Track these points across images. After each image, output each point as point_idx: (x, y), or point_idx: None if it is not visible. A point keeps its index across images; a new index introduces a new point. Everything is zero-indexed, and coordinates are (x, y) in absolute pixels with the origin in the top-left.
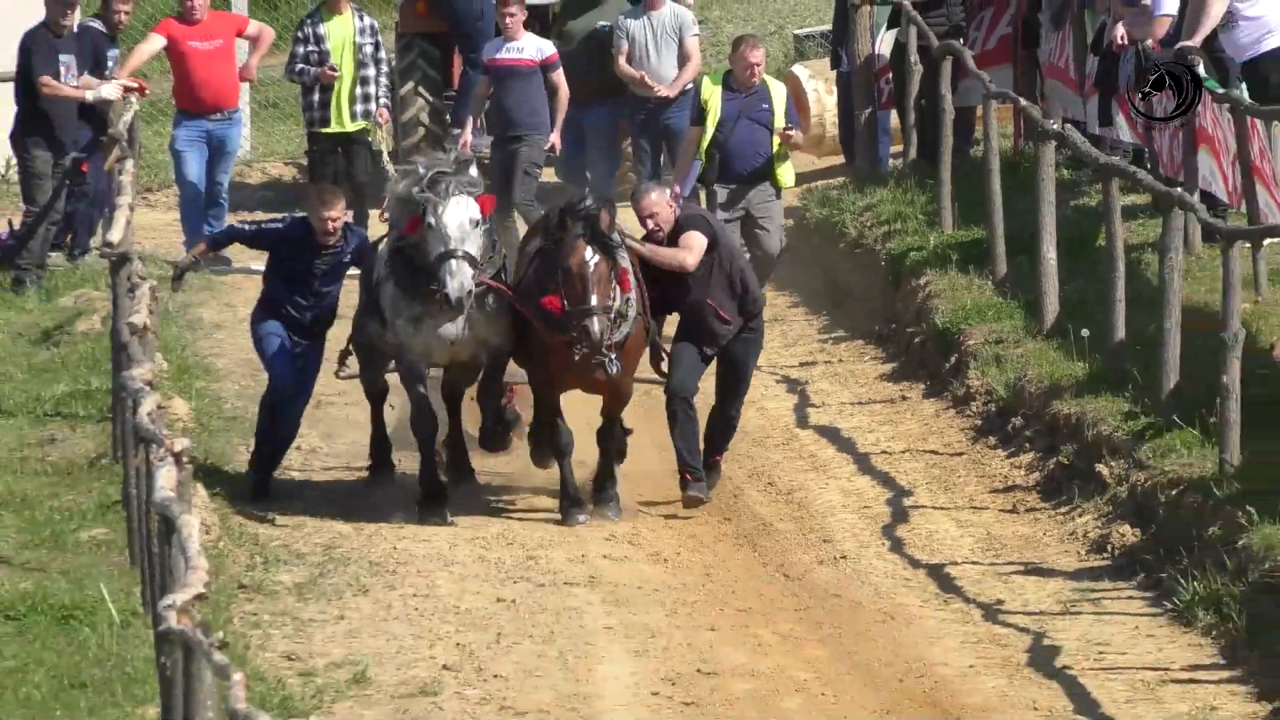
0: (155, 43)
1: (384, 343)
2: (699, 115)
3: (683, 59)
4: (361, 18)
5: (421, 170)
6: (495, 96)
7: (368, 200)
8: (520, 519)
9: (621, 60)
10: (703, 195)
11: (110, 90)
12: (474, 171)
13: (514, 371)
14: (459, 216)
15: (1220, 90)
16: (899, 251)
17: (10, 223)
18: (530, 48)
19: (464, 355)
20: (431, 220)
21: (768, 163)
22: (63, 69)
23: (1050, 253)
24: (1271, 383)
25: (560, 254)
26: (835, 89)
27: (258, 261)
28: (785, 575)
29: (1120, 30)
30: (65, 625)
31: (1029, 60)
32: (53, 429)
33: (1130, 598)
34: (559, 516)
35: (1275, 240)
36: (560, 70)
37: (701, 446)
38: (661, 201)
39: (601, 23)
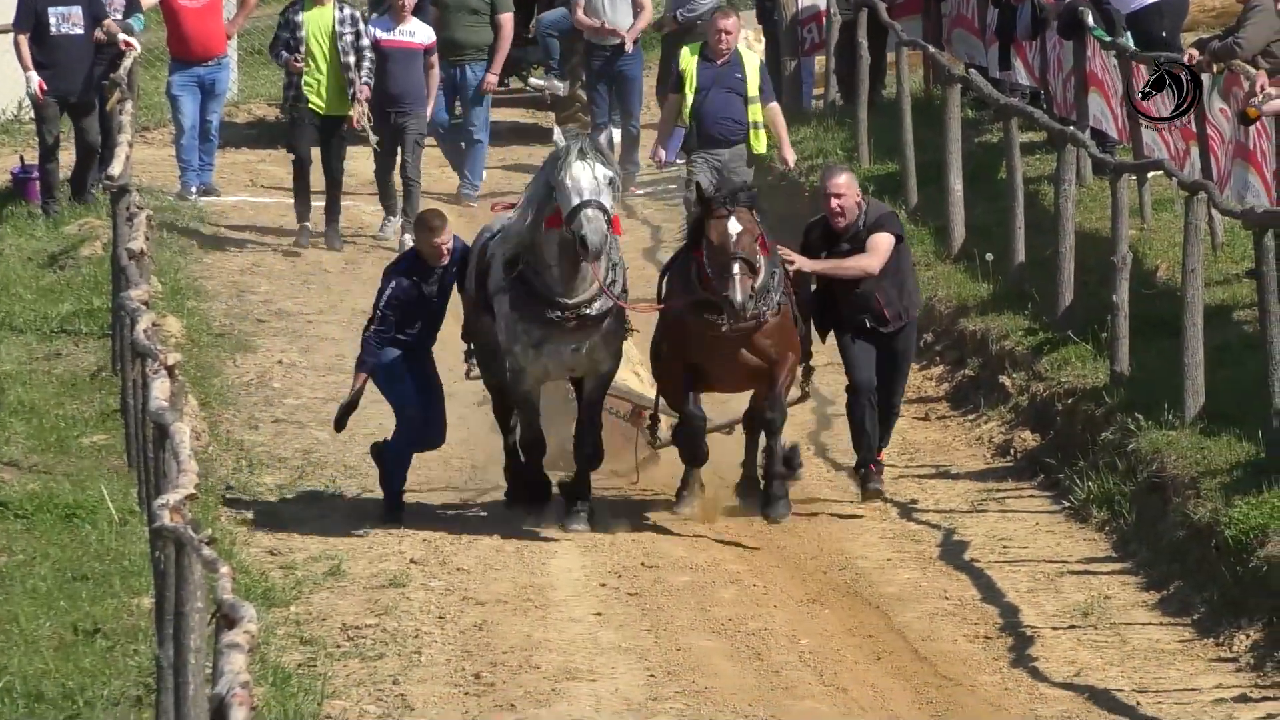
0: None
1: (498, 356)
2: (678, 83)
3: (636, 9)
4: (342, 9)
5: (557, 141)
6: (381, 73)
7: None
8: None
9: (579, 12)
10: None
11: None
12: (607, 142)
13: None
14: (591, 171)
15: (1108, 39)
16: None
17: (22, 157)
18: (420, 32)
19: (580, 371)
20: (566, 179)
21: (742, 128)
22: (57, 20)
23: (957, 184)
24: (1156, 301)
25: (705, 227)
26: (764, 38)
27: (245, 192)
28: (720, 478)
29: None
30: (69, 523)
31: (937, 12)
32: (58, 345)
33: (1031, 497)
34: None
35: (1159, 173)
36: (436, 54)
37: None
38: (852, 186)
39: None
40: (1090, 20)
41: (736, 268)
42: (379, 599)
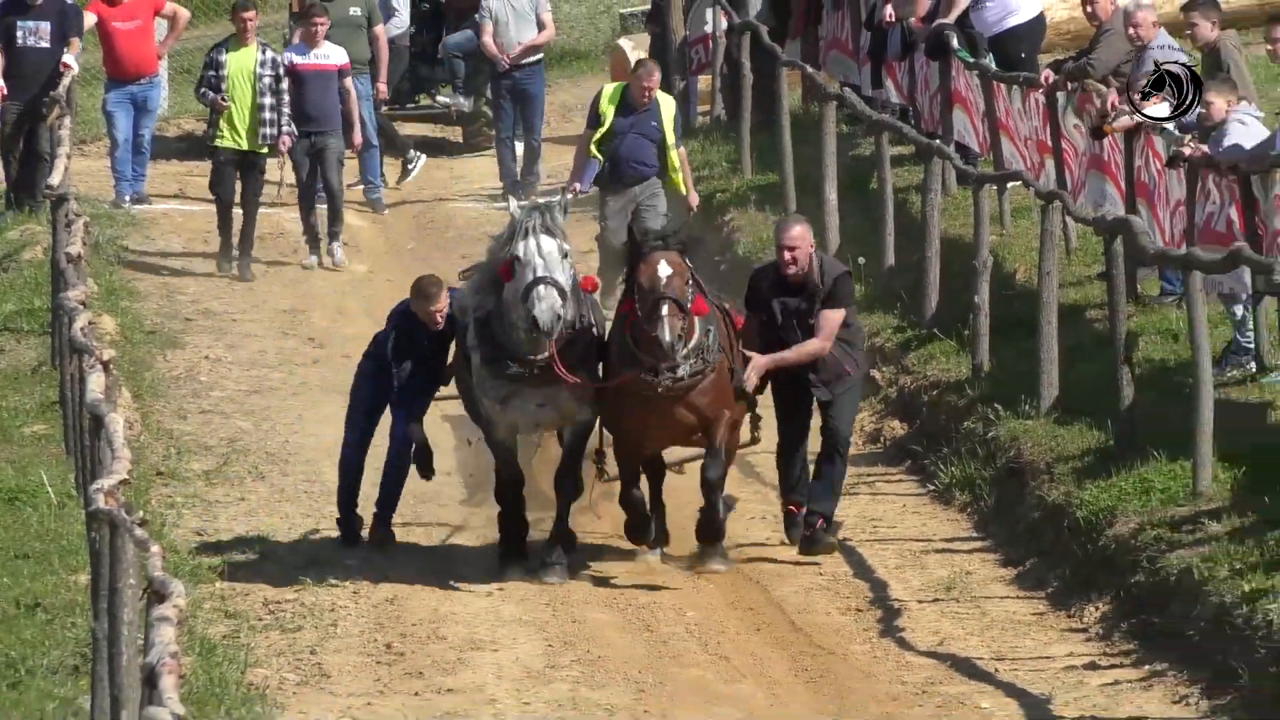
0: (88, 19)
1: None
2: (594, 120)
3: (540, 26)
4: (264, 51)
5: (514, 214)
6: (299, 97)
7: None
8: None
9: (486, 37)
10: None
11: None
12: (561, 217)
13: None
14: (546, 248)
15: (971, 60)
16: (707, 193)
17: None
18: (334, 55)
19: (550, 426)
20: (520, 254)
21: (651, 169)
22: (24, 33)
23: (832, 194)
24: (1014, 301)
25: (635, 271)
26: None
27: (174, 201)
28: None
29: (888, 9)
30: (11, 505)
31: (815, 35)
32: (1, 341)
33: (899, 481)
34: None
35: (1017, 183)
36: (350, 76)
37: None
38: (806, 237)
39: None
40: (955, 43)
41: (665, 308)
42: (298, 576)
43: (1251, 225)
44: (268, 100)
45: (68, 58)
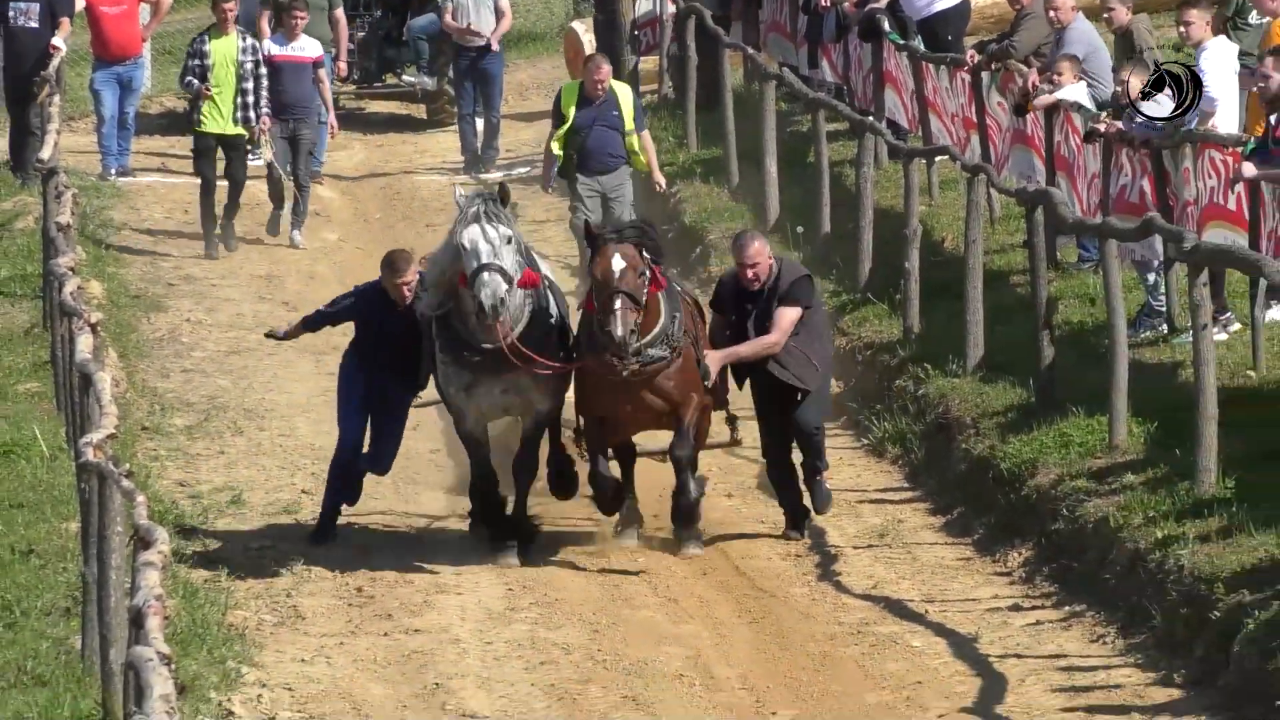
0: (78, 2)
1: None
2: (558, 119)
3: (498, 14)
4: (244, 39)
5: (458, 201)
6: (276, 86)
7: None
8: None
9: (447, 17)
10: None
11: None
12: (506, 205)
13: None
14: (490, 233)
15: (901, 42)
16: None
17: None
18: (309, 47)
19: (516, 412)
20: (465, 242)
21: (619, 160)
22: (15, 13)
23: (772, 167)
24: (942, 267)
25: (591, 265)
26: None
27: (156, 174)
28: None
29: None
30: (6, 458)
31: (755, 18)
32: None
33: (836, 435)
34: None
35: (944, 157)
36: (325, 67)
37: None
38: (764, 252)
39: None
40: (886, 26)
41: (618, 302)
42: (274, 524)
43: (1163, 196)
44: (249, 85)
45: (56, 39)
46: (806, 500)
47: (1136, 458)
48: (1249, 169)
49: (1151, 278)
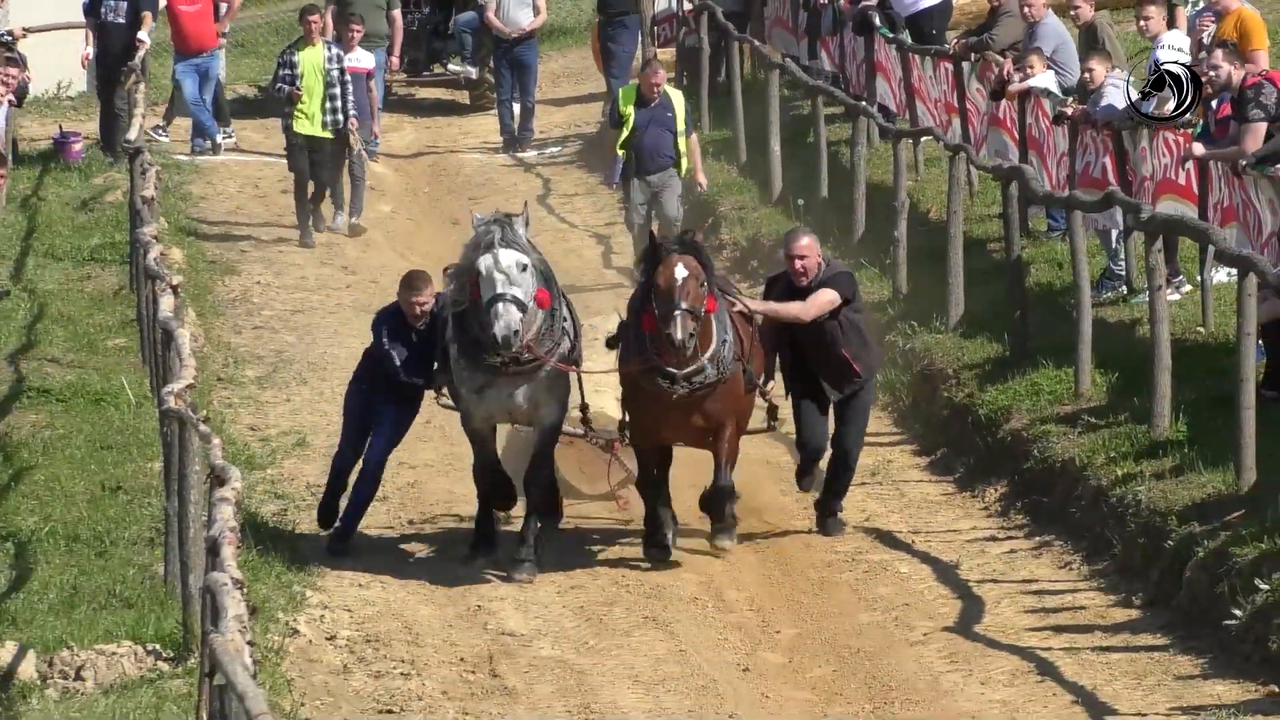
0: (160, 1)
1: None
2: (616, 120)
3: (535, 11)
4: (329, 49)
5: (477, 228)
6: None
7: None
8: None
9: (490, 14)
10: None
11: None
12: (522, 228)
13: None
14: (506, 262)
15: (891, 36)
16: None
17: (60, 126)
18: (364, 59)
19: (522, 419)
20: (481, 269)
21: (670, 160)
22: (106, 10)
23: (776, 147)
24: (927, 235)
25: (652, 274)
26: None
27: (231, 154)
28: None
29: None
30: (97, 405)
31: (760, 14)
32: (89, 269)
33: None
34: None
35: (929, 138)
36: (376, 78)
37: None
38: (814, 248)
39: None
40: (877, 21)
41: (679, 311)
42: None
43: (1123, 172)
44: (335, 91)
45: (141, 34)
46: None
47: (1099, 404)
48: (1198, 148)
49: (1113, 244)
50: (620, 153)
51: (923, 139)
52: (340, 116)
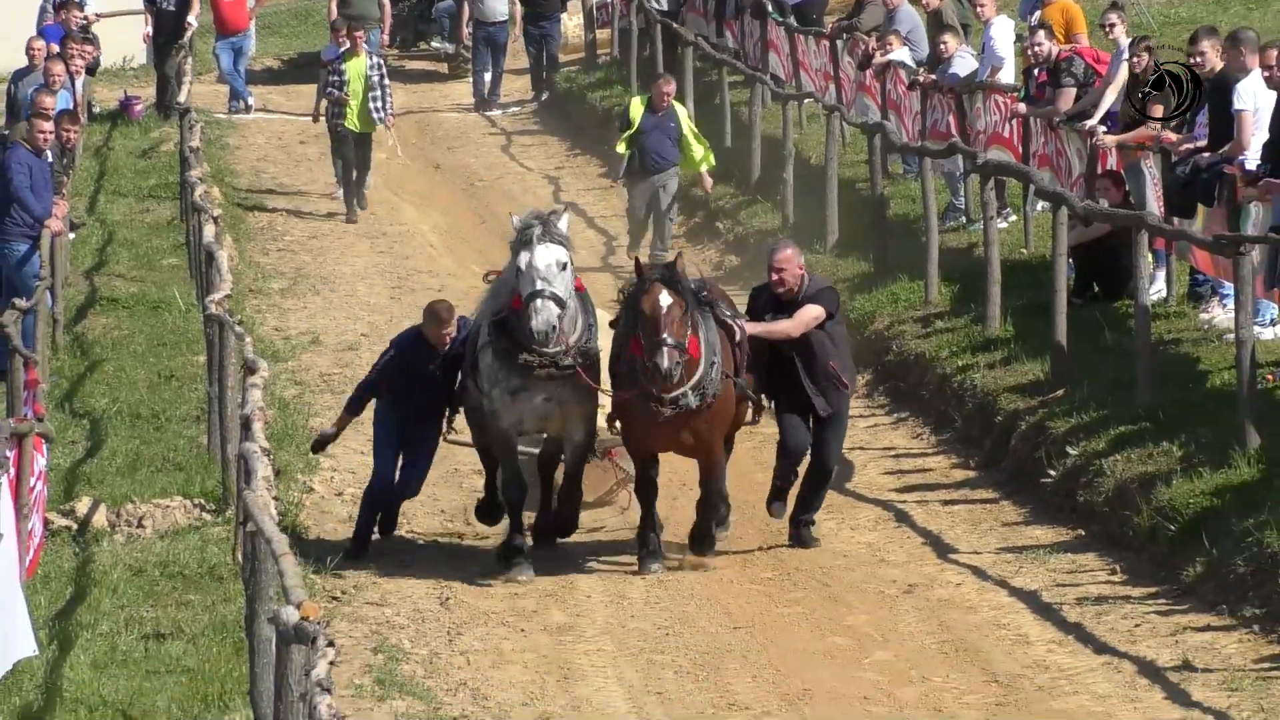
0: None
1: (480, 406)
2: (625, 124)
3: (510, 3)
4: (371, 58)
5: (515, 225)
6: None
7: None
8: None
9: (467, 4)
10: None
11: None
12: (563, 225)
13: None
14: (545, 259)
15: (780, 19)
16: (610, 105)
17: (125, 91)
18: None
19: (554, 429)
20: (521, 265)
21: (669, 162)
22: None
23: (690, 107)
24: (809, 177)
25: (637, 300)
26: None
27: (260, 114)
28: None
29: None
30: (155, 311)
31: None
32: (148, 204)
33: (736, 295)
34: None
35: (810, 100)
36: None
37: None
38: (795, 260)
39: None
40: (770, 7)
41: (665, 346)
42: (343, 356)
43: (963, 127)
44: (376, 94)
45: (190, 18)
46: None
47: (945, 309)
48: (1021, 108)
49: (955, 184)
50: (622, 150)
51: (805, 101)
52: (380, 114)
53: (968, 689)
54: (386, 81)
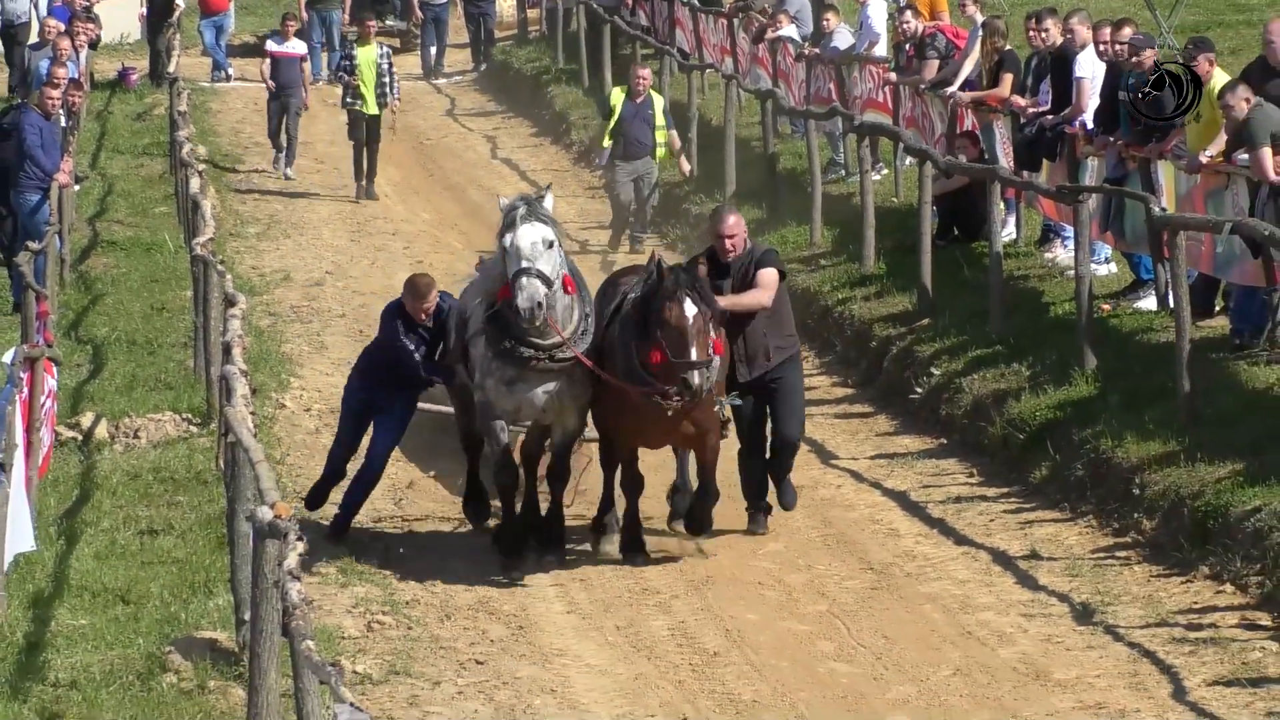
0: None
1: (471, 393)
2: (607, 112)
3: None
4: (381, 47)
5: (502, 207)
6: (275, 72)
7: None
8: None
9: None
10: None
11: None
12: (548, 204)
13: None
14: (530, 238)
15: (685, 1)
16: (536, 72)
17: (123, 62)
18: (297, 46)
19: (548, 419)
20: (506, 244)
21: (647, 148)
22: None
23: (609, 75)
24: (710, 136)
25: (660, 308)
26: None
27: (237, 82)
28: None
29: None
30: (148, 252)
31: None
32: (142, 160)
33: (647, 240)
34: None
35: (711, 70)
36: (308, 59)
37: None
38: (741, 226)
39: None
40: None
41: (697, 369)
42: (310, 291)
43: (843, 94)
44: (386, 80)
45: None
46: (771, 497)
47: (828, 250)
48: (892, 77)
49: (835, 142)
50: (607, 143)
51: (707, 71)
52: (387, 98)
53: (847, 575)
54: (394, 69)
